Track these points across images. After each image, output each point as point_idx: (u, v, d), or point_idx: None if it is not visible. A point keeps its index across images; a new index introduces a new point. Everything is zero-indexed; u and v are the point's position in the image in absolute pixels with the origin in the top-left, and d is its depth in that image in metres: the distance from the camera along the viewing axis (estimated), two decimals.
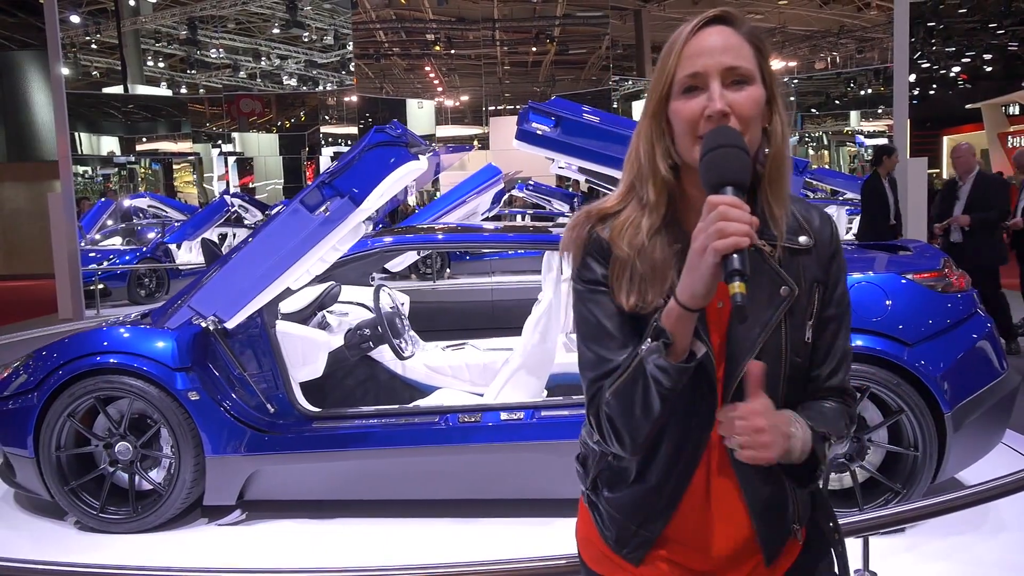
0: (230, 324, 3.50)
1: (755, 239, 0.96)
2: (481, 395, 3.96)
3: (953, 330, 3.38)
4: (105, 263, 11.36)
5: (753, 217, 0.98)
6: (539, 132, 3.97)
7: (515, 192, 13.12)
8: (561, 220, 11.41)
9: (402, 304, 5.12)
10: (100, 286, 10.62)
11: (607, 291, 1.14)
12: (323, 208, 3.33)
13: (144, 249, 11.74)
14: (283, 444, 3.53)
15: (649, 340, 1.05)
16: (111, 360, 3.54)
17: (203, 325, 3.58)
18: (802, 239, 1.15)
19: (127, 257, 11.56)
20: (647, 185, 1.14)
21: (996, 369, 3.40)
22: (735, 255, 0.95)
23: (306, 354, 3.82)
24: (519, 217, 14.09)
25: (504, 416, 3.46)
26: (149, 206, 14.47)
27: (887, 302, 3.34)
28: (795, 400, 1.18)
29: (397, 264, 6.42)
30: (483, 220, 8.05)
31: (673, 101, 1.11)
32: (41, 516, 3.83)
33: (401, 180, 3.47)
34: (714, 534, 1.18)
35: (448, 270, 12.07)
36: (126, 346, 3.60)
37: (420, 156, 3.49)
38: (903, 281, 3.44)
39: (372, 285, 5.53)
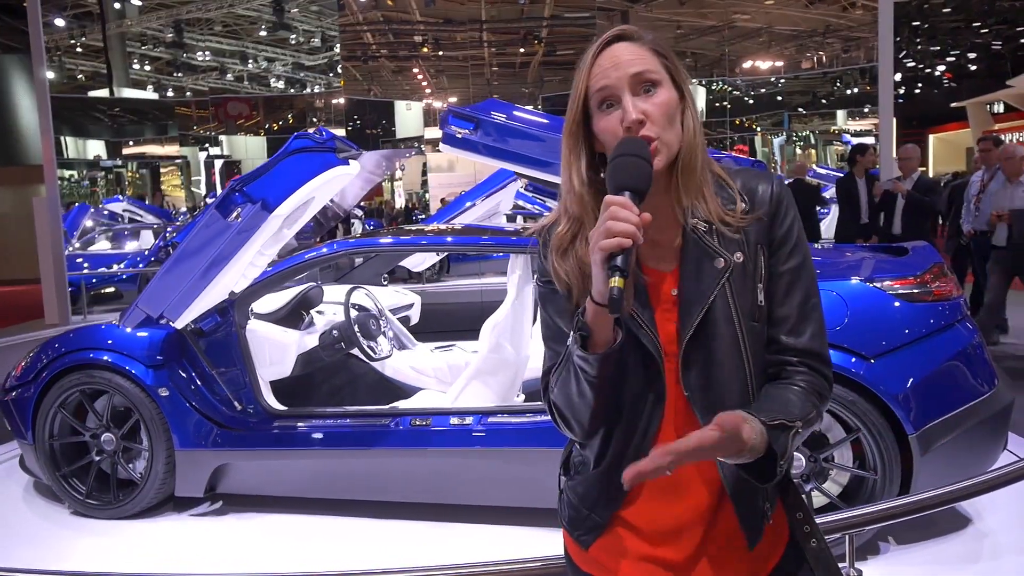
0: (177, 324, 3.66)
1: (638, 239, 1.01)
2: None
3: (923, 342, 3.04)
4: (115, 267, 11.51)
5: (645, 215, 1.03)
6: (459, 135, 3.93)
7: None
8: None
9: (410, 305, 5.21)
10: (111, 289, 10.72)
11: (559, 292, 1.21)
12: (235, 215, 3.43)
13: (147, 252, 11.78)
14: (246, 441, 3.66)
15: (572, 333, 1.11)
16: (99, 357, 3.76)
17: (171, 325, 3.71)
18: (740, 206, 1.18)
19: (125, 263, 11.65)
20: (569, 200, 1.21)
21: (979, 386, 3.06)
22: (619, 254, 1.01)
23: (273, 354, 3.88)
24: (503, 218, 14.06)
25: (454, 421, 3.45)
26: (124, 210, 14.48)
27: (845, 311, 3.06)
28: (762, 365, 1.19)
29: (416, 264, 6.53)
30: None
31: (595, 118, 1.17)
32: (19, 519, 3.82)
33: (329, 184, 3.60)
34: (673, 520, 1.18)
35: (447, 272, 12.06)
36: (105, 343, 3.81)
37: (350, 161, 3.59)
38: (867, 288, 3.13)
39: (384, 285, 5.61)
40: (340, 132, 26.38)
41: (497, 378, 3.72)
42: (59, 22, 23.64)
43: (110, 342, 3.82)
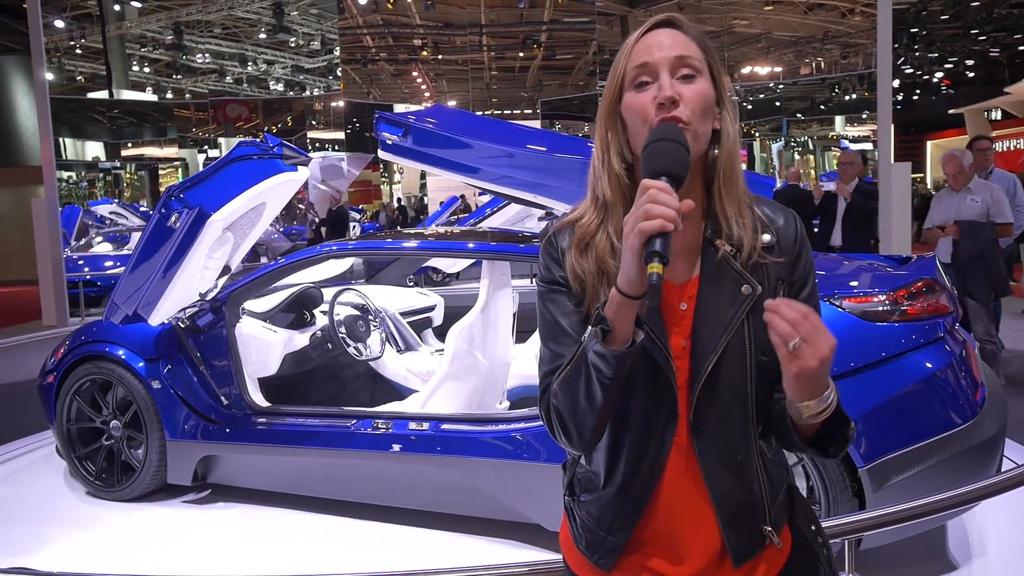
0: (152, 322, 3.84)
1: (678, 224, 0.97)
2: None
3: (883, 367, 2.72)
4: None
5: (687, 201, 1.00)
6: (389, 141, 3.91)
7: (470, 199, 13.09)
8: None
9: (432, 306, 5.26)
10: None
11: (564, 291, 1.17)
12: (173, 220, 3.56)
13: None
14: (228, 435, 3.77)
15: (590, 328, 1.06)
16: (115, 351, 3.94)
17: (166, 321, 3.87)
18: (765, 237, 1.15)
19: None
20: (603, 184, 1.16)
21: (953, 416, 2.73)
22: (657, 238, 0.96)
23: (258, 352, 3.94)
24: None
25: (412, 426, 3.44)
26: (112, 212, 14.45)
27: None
28: (766, 400, 1.16)
29: (449, 265, 6.59)
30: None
31: (625, 96, 1.13)
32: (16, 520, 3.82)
33: (279, 189, 3.68)
34: (688, 538, 1.16)
35: (456, 277, 12.01)
36: (111, 336, 4.00)
37: (299, 167, 3.64)
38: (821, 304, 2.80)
39: (410, 286, 5.63)
40: (339, 135, 26.45)
41: (464, 384, 3.67)
42: (59, 24, 23.64)
43: (112, 335, 3.99)
